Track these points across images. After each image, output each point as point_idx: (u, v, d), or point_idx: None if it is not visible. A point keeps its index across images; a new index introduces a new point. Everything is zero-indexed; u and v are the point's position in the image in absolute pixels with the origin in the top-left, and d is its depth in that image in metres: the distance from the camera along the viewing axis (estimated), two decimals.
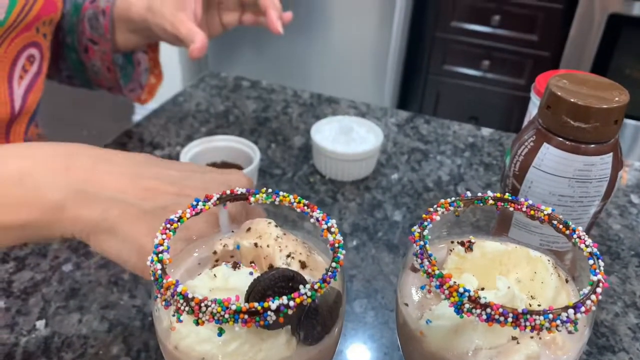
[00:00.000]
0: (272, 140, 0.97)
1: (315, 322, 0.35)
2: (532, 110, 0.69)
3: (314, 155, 0.89)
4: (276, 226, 0.40)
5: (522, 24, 2.27)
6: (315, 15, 2.34)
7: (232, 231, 0.43)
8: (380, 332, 0.65)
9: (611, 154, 0.55)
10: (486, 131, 1.04)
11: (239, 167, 0.82)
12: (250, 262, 0.39)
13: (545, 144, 0.56)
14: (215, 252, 0.40)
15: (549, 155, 0.55)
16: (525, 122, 0.71)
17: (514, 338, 0.36)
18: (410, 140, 0.99)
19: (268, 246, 0.38)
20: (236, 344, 0.34)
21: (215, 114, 1.05)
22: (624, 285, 0.72)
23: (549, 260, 0.40)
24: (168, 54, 2.61)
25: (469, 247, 0.39)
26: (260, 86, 1.13)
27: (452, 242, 0.40)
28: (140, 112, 2.67)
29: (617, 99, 0.53)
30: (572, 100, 0.53)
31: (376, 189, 0.87)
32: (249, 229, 0.40)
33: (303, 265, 0.38)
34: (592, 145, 0.54)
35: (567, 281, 0.40)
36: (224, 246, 0.39)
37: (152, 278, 0.33)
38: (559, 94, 0.53)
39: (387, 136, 0.99)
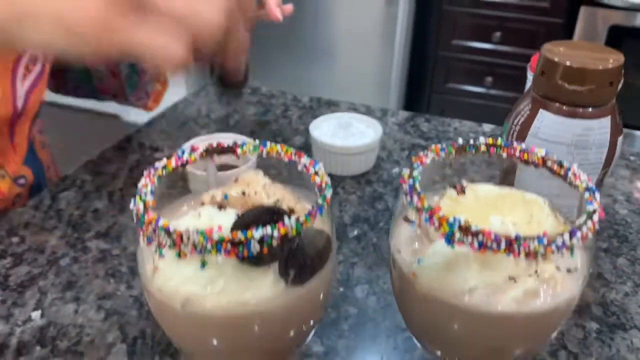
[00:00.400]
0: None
1: (302, 262, 0.33)
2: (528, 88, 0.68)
3: (314, 151, 0.88)
4: (264, 175, 0.40)
5: (523, 39, 2.28)
6: (318, 38, 2.37)
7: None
8: (382, 315, 0.63)
9: (609, 117, 0.54)
10: (487, 127, 1.03)
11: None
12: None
13: (541, 110, 0.55)
14: (202, 204, 0.39)
15: (546, 122, 0.55)
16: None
17: (511, 278, 0.35)
18: (411, 137, 0.98)
19: (255, 193, 0.38)
20: (222, 283, 0.33)
21: (216, 119, 1.05)
22: (633, 266, 0.70)
23: (545, 202, 0.39)
24: None
25: (461, 190, 0.38)
26: (261, 92, 1.13)
27: (445, 188, 0.39)
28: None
29: (612, 60, 0.53)
30: (566, 63, 0.52)
31: (377, 182, 0.86)
32: (236, 180, 0.39)
33: (291, 211, 0.37)
34: (589, 109, 0.54)
35: (565, 224, 0.39)
36: (212, 197, 0.39)
37: (135, 219, 0.33)
38: (553, 58, 0.53)
39: (387, 134, 0.99)
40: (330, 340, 0.60)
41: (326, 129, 0.87)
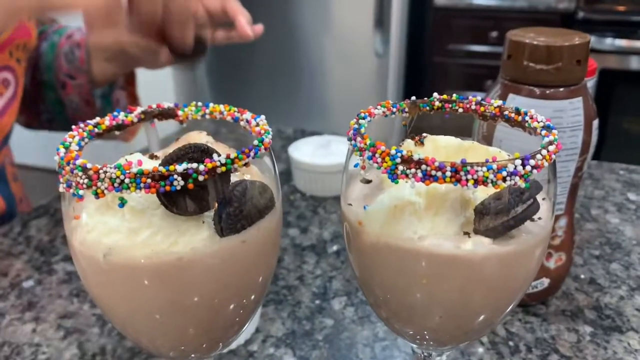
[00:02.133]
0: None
1: (238, 211, 0.31)
2: None
3: (294, 173, 0.86)
4: (208, 134, 0.37)
5: None
6: (311, 54, 2.38)
7: None
8: (360, 325, 0.59)
9: (580, 98, 0.52)
10: None
11: None
12: None
13: (510, 95, 0.53)
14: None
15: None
16: None
17: (465, 233, 0.31)
18: None
19: None
20: (147, 232, 0.30)
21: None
22: (627, 271, 0.66)
23: (509, 155, 0.36)
24: (163, 85, 2.66)
25: (419, 141, 0.36)
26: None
27: (403, 140, 0.37)
28: None
29: (577, 38, 0.52)
30: (531, 42, 0.51)
31: None
32: (177, 139, 0.37)
33: (234, 169, 0.35)
34: (560, 89, 0.52)
35: None
36: (154, 158, 0.36)
37: (57, 167, 0.30)
38: (519, 39, 0.52)
39: None
40: (303, 351, 0.56)
41: (305, 150, 0.85)
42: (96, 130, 0.35)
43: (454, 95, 0.38)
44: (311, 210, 0.81)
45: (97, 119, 0.35)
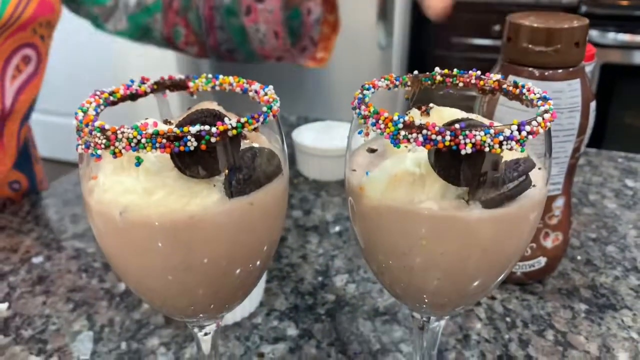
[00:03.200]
0: None
1: (247, 175, 0.32)
2: None
3: (297, 157, 0.88)
4: (219, 104, 0.39)
5: None
6: (318, 85, 2.41)
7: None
8: (361, 300, 0.61)
9: (578, 80, 0.54)
10: None
11: None
12: None
13: (510, 76, 0.55)
14: None
15: None
16: None
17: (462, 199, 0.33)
18: None
19: None
20: (161, 193, 0.31)
21: None
22: (622, 253, 0.68)
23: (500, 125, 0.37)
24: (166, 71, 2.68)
25: (425, 111, 0.37)
26: None
27: (410, 108, 0.38)
28: None
29: (576, 21, 0.53)
30: (532, 25, 0.52)
31: None
32: (189, 109, 0.38)
33: (244, 137, 0.36)
34: (559, 71, 0.53)
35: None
36: (167, 123, 0.38)
37: (75, 129, 0.32)
38: (519, 21, 0.53)
39: None
40: (305, 324, 0.58)
41: (308, 134, 0.87)
42: (111, 98, 0.36)
43: (455, 70, 0.39)
44: (314, 193, 0.83)
45: (113, 87, 0.36)
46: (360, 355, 0.54)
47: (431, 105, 0.38)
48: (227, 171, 0.32)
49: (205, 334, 0.41)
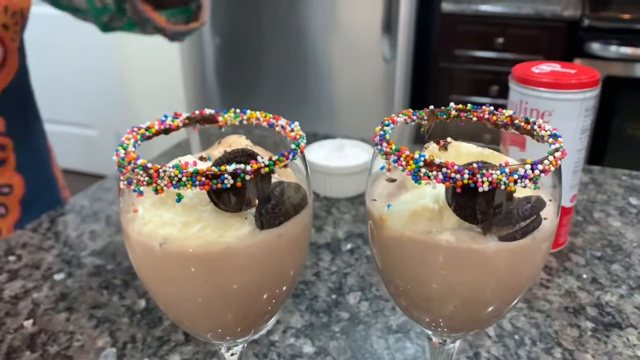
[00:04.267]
0: None
1: (277, 209, 0.34)
2: (512, 96, 0.71)
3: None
4: (247, 138, 0.41)
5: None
6: (319, 58, 2.42)
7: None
8: (374, 318, 0.63)
9: None
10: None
11: None
12: None
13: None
14: None
15: None
16: (508, 107, 0.72)
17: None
18: None
19: None
20: (198, 226, 0.34)
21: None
22: (627, 271, 0.70)
23: (514, 164, 0.40)
24: (177, 106, 2.72)
25: (443, 146, 0.40)
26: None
27: (428, 141, 0.41)
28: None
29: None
30: None
31: None
32: (219, 142, 0.41)
33: (273, 171, 0.38)
34: None
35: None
36: (203, 159, 0.40)
37: (116, 166, 0.34)
38: None
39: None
40: (321, 342, 0.60)
41: (320, 152, 0.89)
42: (147, 133, 0.38)
43: (469, 105, 0.42)
44: (325, 210, 0.85)
45: (148, 123, 0.39)
46: None
47: (449, 139, 0.40)
48: (258, 205, 0.34)
49: (232, 354, 0.43)
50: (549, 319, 0.62)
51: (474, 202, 0.33)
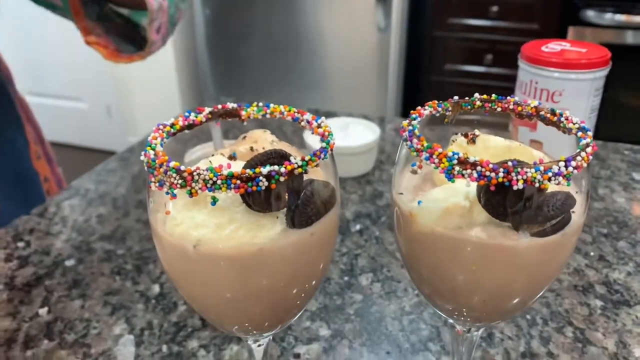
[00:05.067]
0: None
1: (308, 210, 0.34)
2: (521, 75, 0.70)
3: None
4: (272, 134, 0.41)
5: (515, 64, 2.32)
6: (312, 28, 2.39)
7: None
8: (387, 299, 0.63)
9: None
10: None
11: None
12: None
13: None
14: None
15: None
16: (516, 89, 0.72)
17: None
18: None
19: (264, 148, 0.39)
20: (232, 227, 0.34)
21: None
22: (634, 248, 0.71)
23: (549, 157, 0.40)
24: (169, 85, 2.69)
25: (471, 139, 0.39)
26: None
27: (455, 134, 0.40)
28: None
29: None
30: None
31: (377, 182, 0.87)
32: (244, 137, 0.40)
33: (305, 171, 0.38)
34: None
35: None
36: (220, 155, 0.40)
37: (146, 167, 0.34)
38: None
39: (385, 139, 1.00)
40: (336, 324, 0.60)
41: None
42: (172, 130, 0.38)
43: (493, 95, 0.41)
44: None
45: (172, 119, 0.38)
46: (391, 354, 0.57)
47: (477, 132, 0.40)
48: (290, 204, 0.34)
49: (259, 345, 0.44)
50: (559, 298, 0.63)
51: (505, 200, 0.33)
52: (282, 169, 0.32)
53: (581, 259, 0.69)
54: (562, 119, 0.38)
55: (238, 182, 0.31)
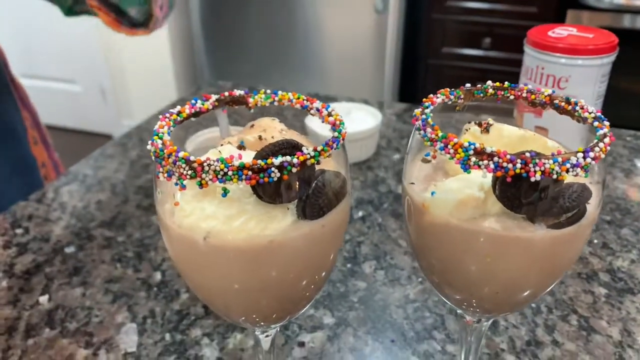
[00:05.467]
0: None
1: (320, 201, 0.34)
2: (527, 61, 0.69)
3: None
4: (280, 122, 0.40)
5: (513, 44, 2.31)
6: (308, 10, 2.36)
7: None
8: (391, 287, 0.63)
9: None
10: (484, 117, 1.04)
11: None
12: None
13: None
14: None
15: None
16: (521, 74, 0.71)
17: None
18: (410, 127, 0.99)
19: (273, 137, 0.38)
20: (242, 219, 0.33)
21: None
22: (637, 235, 0.71)
23: (563, 146, 0.39)
24: (163, 68, 2.66)
25: (485, 128, 0.39)
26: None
27: (469, 122, 0.40)
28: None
29: None
30: None
31: (378, 168, 0.86)
32: (252, 125, 0.40)
33: (318, 162, 0.37)
34: None
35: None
36: (228, 143, 0.39)
37: (153, 156, 0.33)
38: None
39: (386, 124, 1.00)
40: (340, 312, 0.60)
41: None
42: (178, 118, 0.37)
43: (506, 82, 0.41)
44: None
45: (178, 107, 0.37)
46: (396, 342, 0.56)
47: (491, 122, 0.39)
48: (302, 196, 0.33)
49: (267, 336, 0.43)
50: (563, 286, 0.63)
51: (521, 192, 0.33)
52: (295, 160, 0.31)
53: (585, 246, 0.69)
54: (577, 107, 0.37)
55: (249, 173, 0.30)
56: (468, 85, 0.41)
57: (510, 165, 0.31)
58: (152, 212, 0.76)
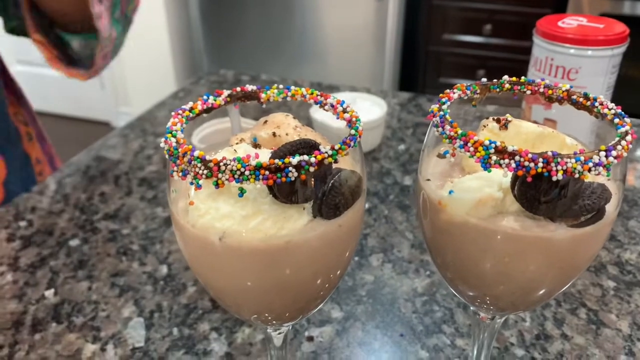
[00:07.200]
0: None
1: (337, 200, 0.33)
2: (536, 52, 0.69)
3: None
4: (294, 118, 0.39)
5: (514, 33, 2.29)
6: (307, 37, 2.36)
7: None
8: (399, 281, 0.63)
9: None
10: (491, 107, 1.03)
11: None
12: None
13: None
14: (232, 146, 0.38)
15: None
16: (530, 65, 0.70)
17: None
18: (414, 116, 0.99)
19: (287, 134, 0.37)
20: (259, 219, 0.32)
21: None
22: None
23: (581, 144, 0.39)
24: (161, 54, 2.64)
25: (504, 125, 0.38)
26: (261, 79, 1.13)
27: (487, 118, 0.39)
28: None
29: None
30: None
31: (384, 158, 0.86)
32: (265, 122, 0.39)
33: (335, 161, 0.37)
34: None
35: None
36: (241, 140, 0.38)
37: (167, 155, 0.32)
38: None
39: (390, 114, 0.99)
40: (349, 306, 0.60)
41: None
42: (191, 114, 0.36)
43: (522, 77, 0.40)
44: None
45: (191, 104, 0.37)
46: (405, 337, 0.56)
47: (509, 118, 0.38)
48: (320, 196, 0.33)
49: (279, 333, 0.43)
50: None
51: (540, 193, 0.32)
52: (312, 159, 0.30)
53: None
54: (597, 104, 0.37)
55: (267, 172, 0.30)
56: (484, 80, 0.40)
57: (532, 165, 0.31)
58: (157, 204, 0.75)
